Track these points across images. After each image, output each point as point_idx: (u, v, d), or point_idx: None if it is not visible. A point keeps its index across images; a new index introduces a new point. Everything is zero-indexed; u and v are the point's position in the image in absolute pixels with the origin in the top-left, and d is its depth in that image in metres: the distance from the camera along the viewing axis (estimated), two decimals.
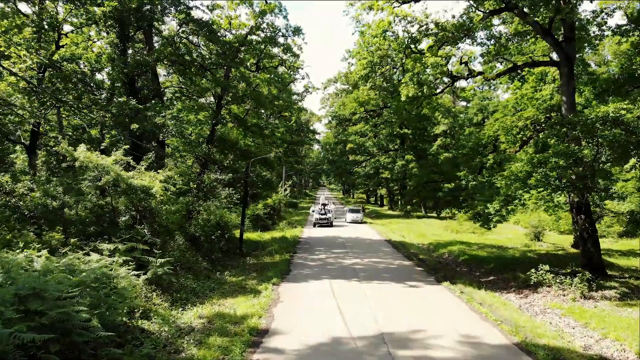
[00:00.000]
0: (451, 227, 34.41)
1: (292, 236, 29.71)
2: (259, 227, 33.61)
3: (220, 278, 16.87)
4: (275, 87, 51.92)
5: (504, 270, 19.50)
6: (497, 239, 30.67)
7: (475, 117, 66.57)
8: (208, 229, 20.83)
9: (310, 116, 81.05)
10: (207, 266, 18.22)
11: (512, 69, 19.13)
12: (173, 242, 16.67)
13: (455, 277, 18.23)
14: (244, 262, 20.41)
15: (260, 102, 25.75)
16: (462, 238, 30.33)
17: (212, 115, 26.12)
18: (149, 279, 13.22)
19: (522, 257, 23.14)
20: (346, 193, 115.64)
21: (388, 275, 17.49)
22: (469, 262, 21.75)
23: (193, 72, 21.97)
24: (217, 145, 26.40)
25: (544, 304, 14.85)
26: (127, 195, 15.14)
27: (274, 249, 23.92)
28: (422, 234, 31.92)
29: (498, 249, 26.09)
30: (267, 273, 17.49)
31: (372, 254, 22.86)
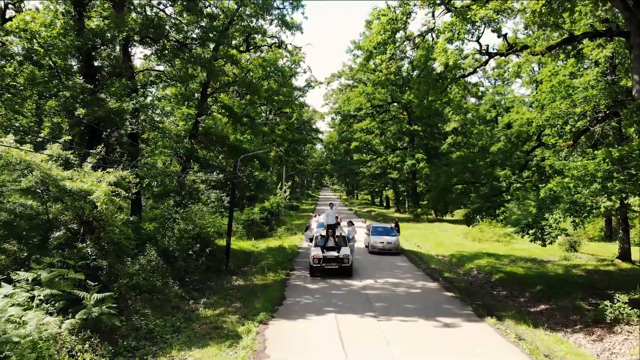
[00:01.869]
0: (472, 235, 30.29)
1: (290, 246, 25.67)
2: (254, 234, 29.58)
3: (193, 310, 12.89)
4: (274, 80, 48.06)
5: (555, 295, 15.45)
6: (527, 249, 26.53)
7: (488, 113, 62.49)
8: (186, 241, 16.85)
9: (313, 113, 77.06)
10: (180, 291, 14.22)
11: (568, 40, 15.11)
12: (130, 263, 12.64)
13: (498, 307, 14.18)
14: (229, 283, 16.39)
15: (253, 89, 21.70)
16: (487, 248, 26.21)
17: (196, 106, 22.12)
18: (79, 323, 9.26)
19: (568, 275, 19.08)
20: (350, 194, 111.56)
21: (412, 307, 13.44)
22: (506, 283, 17.67)
23: (169, 50, 17.97)
24: (202, 140, 22.41)
25: (630, 352, 10.83)
26: (62, 202, 11.19)
27: (268, 263, 19.88)
28: (440, 243, 27.83)
29: (534, 264, 22.00)
30: (254, 302, 13.46)
31: (386, 272, 18.82)
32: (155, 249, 16.33)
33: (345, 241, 18.53)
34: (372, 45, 14.55)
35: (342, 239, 18.63)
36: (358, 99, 52.73)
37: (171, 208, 18.22)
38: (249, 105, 24.86)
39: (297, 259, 21.93)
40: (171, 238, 16.77)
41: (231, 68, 24.21)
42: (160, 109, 19.30)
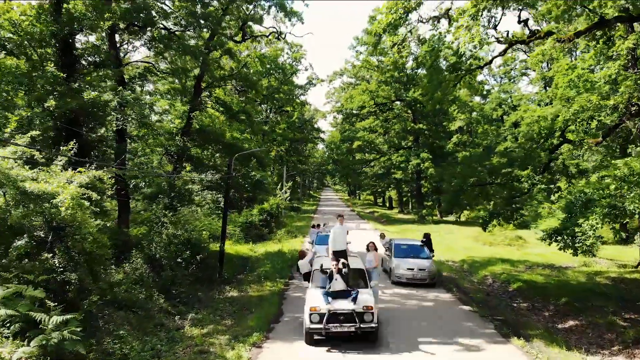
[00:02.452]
0: (482, 238, 28.71)
1: (290, 250, 24.11)
2: (253, 237, 28.05)
3: (179, 327, 11.37)
4: (275, 77, 46.58)
5: (583, 308, 13.90)
6: (541, 254, 24.96)
7: (494, 112, 61.03)
8: (175, 247, 15.34)
9: (315, 112, 75.49)
10: (165, 305, 12.72)
11: (598, 25, 13.56)
12: (104, 275, 11.10)
13: (522, 324, 12.63)
14: (221, 294, 14.87)
15: (250, 83, 20.17)
16: (500, 253, 24.65)
17: (188, 101, 20.61)
18: (34, 352, 7.76)
19: (593, 284, 17.53)
20: (352, 194, 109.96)
21: (427, 325, 11.91)
22: (526, 293, 16.11)
23: (157, 39, 16.46)
24: (196, 137, 20.89)
25: None
26: (25, 207, 9.68)
27: (266, 271, 18.36)
28: (449, 247, 26.26)
29: (552, 270, 20.44)
30: (247, 319, 11.93)
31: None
32: (142, 256, 14.89)
33: (364, 278, 11.42)
34: (381, 27, 12.95)
35: (357, 274, 11.37)
36: (361, 96, 51.15)
37: (160, 211, 16.74)
38: (246, 101, 23.30)
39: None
40: (159, 244, 15.30)
41: (227, 62, 22.71)
42: (149, 103, 17.74)
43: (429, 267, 16.70)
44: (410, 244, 18.75)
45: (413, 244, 18.71)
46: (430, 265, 16.82)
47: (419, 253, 17.65)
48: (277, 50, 44.85)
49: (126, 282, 12.91)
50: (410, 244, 18.75)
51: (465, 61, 15.65)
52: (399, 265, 16.73)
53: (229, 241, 24.87)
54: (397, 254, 17.49)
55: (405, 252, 17.65)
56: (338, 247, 11.33)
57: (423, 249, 17.94)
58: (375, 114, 54.21)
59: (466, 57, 15.90)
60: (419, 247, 18.08)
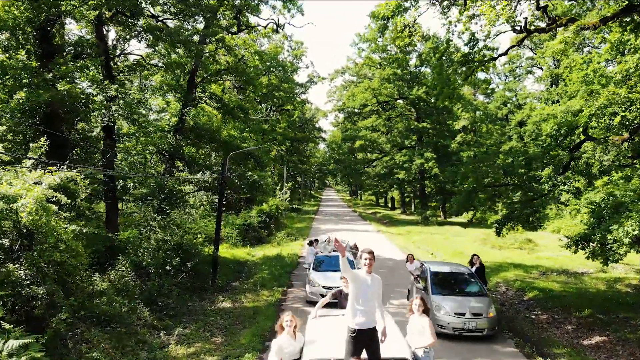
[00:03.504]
0: (491, 241, 27.44)
1: (289, 254, 22.93)
2: (251, 239, 26.87)
3: (163, 345, 10.19)
4: (275, 75, 45.37)
5: (609, 321, 12.68)
6: (553, 258, 23.80)
7: (499, 111, 59.97)
8: (164, 253, 14.16)
9: (316, 111, 74.33)
10: (150, 319, 11.54)
11: (627, 10, 12.35)
12: (78, 287, 9.90)
13: (545, 341, 11.41)
14: (214, 305, 13.67)
15: (247, 78, 18.98)
16: (511, 257, 23.45)
17: (181, 97, 19.43)
18: None
19: (614, 292, 16.32)
20: (353, 195, 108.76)
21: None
22: (544, 303, 14.88)
23: (145, 29, 15.27)
24: (190, 135, 19.71)
25: None
26: None
27: (263, 277, 17.17)
28: (456, 251, 25.02)
29: (568, 277, 19.23)
30: (240, 336, 10.73)
31: (401, 288, 16.06)
32: (128, 263, 13.72)
33: None
34: (389, 9, 11.73)
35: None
36: (363, 95, 49.96)
37: (149, 214, 15.57)
38: (244, 98, 22.11)
39: (296, 271, 19.18)
40: (146, 250, 14.12)
41: (224, 56, 21.51)
42: (138, 98, 16.55)
43: (487, 310, 11.21)
44: (455, 271, 13.11)
45: (458, 271, 13.08)
46: (488, 308, 11.28)
47: (469, 287, 12.30)
48: (277, 47, 43.72)
49: (109, 293, 11.77)
50: (454, 271, 13.11)
51: (478, 52, 14.44)
52: (441, 306, 11.29)
53: (225, 244, 23.72)
54: (437, 288, 12.04)
55: (448, 285, 12.48)
56: (365, 325, 5.71)
57: (474, 280, 12.47)
58: (377, 113, 53.02)
59: (479, 48, 14.72)
60: (467, 277, 12.65)
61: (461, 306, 11.28)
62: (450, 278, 12.89)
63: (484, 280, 13.03)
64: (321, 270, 14.35)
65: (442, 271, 13.01)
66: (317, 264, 14.77)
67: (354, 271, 5.91)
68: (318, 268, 14.50)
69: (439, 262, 16.01)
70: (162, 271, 13.54)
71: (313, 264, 14.87)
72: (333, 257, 14.63)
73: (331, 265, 14.30)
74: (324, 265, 14.69)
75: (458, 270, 13.20)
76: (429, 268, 12.90)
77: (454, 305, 11.32)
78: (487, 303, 11.51)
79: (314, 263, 14.91)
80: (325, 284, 13.22)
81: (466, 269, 13.26)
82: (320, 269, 14.45)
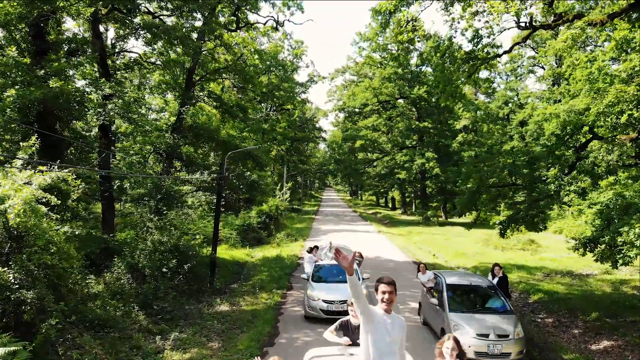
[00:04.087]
0: (493, 242, 27.16)
1: (289, 255, 22.61)
2: (250, 240, 26.55)
3: (158, 351, 9.87)
4: (275, 75, 45.04)
5: (616, 325, 12.37)
6: (557, 259, 23.49)
7: (500, 110, 59.72)
8: (161, 255, 13.83)
9: (316, 111, 74.04)
10: (145, 323, 11.22)
11: (636, 5, 12.03)
12: (69, 291, 9.58)
13: (552, 346, 11.08)
14: (211, 308, 13.34)
15: (246, 76, 18.66)
16: (514, 258, 23.14)
17: (179, 95, 19.11)
18: None
19: (620, 295, 16.02)
20: (354, 194, 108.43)
21: None
22: (549, 306, 14.56)
23: (142, 26, 14.95)
24: (187, 135, 19.38)
25: None
26: None
27: (262, 279, 16.85)
28: (459, 252, 24.72)
29: (573, 278, 18.92)
30: (237, 341, 10.40)
31: (403, 290, 15.72)
32: (124, 265, 13.42)
33: None
34: (392, 4, 11.37)
35: None
36: (364, 94, 49.63)
37: (145, 214, 15.25)
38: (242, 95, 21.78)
39: (296, 272, 18.83)
40: (143, 251, 13.79)
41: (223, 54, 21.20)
42: (135, 97, 16.24)
43: (513, 329, 9.58)
44: (474, 283, 11.24)
45: (478, 283, 11.26)
46: (515, 327, 9.67)
47: (491, 302, 10.71)
48: (277, 46, 43.40)
49: (103, 296, 11.47)
50: (473, 283, 11.23)
51: (482, 49, 14.12)
52: (460, 325, 9.64)
53: (224, 245, 23.40)
54: (455, 303, 10.43)
55: (467, 299, 10.95)
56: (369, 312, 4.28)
57: (496, 294, 10.85)
58: (378, 112, 52.70)
59: (483, 45, 14.39)
60: (489, 291, 10.99)
61: (484, 326, 9.57)
62: (470, 291, 11.17)
63: (507, 293, 11.40)
64: (322, 281, 12.76)
65: (459, 283, 11.23)
66: (317, 274, 13.10)
67: (370, 308, 4.05)
68: (318, 279, 12.88)
69: (455, 272, 13.95)
70: (158, 273, 13.22)
71: (312, 274, 13.22)
72: (335, 266, 12.97)
73: (333, 275, 12.86)
74: (325, 275, 13.09)
75: (478, 283, 11.34)
76: (444, 280, 11.11)
77: (475, 325, 9.60)
78: (514, 321, 9.87)
79: (313, 273, 13.23)
80: (327, 297, 11.76)
81: (486, 281, 11.54)
82: (320, 279, 12.87)
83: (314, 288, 12.28)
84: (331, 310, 11.60)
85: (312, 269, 13.48)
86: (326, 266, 13.41)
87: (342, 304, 11.45)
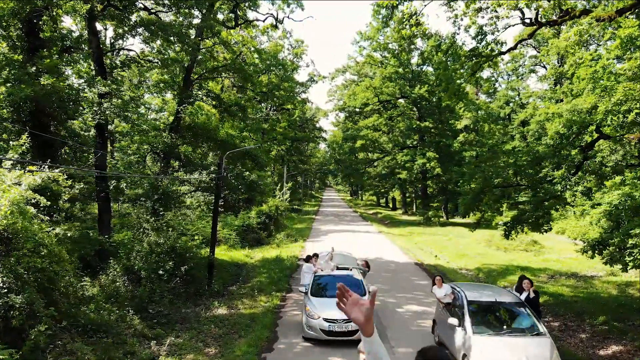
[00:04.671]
0: (495, 243, 26.79)
1: (289, 256, 22.29)
2: (250, 241, 26.23)
3: (153, 357, 9.56)
4: (275, 74, 44.72)
5: (624, 329, 12.04)
6: (560, 260, 23.16)
7: (501, 110, 59.47)
8: (157, 257, 13.52)
9: (316, 111, 73.71)
10: (141, 327, 10.90)
11: None
12: (59, 294, 9.25)
13: (560, 350, 10.75)
14: (209, 311, 13.03)
15: (245, 75, 18.34)
16: (516, 259, 22.80)
17: (177, 94, 18.80)
18: None
19: (627, 297, 15.72)
20: (354, 195, 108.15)
21: None
22: (555, 309, 14.24)
23: (138, 23, 14.65)
24: (185, 134, 19.08)
25: None
26: None
27: (260, 282, 16.54)
28: (460, 253, 24.40)
29: (577, 280, 18.59)
30: (235, 347, 10.09)
31: (405, 293, 15.43)
32: (120, 267, 13.12)
33: None
34: None
35: None
36: (364, 93, 49.30)
37: (142, 215, 14.95)
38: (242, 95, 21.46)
39: (296, 274, 18.53)
40: (139, 253, 13.49)
41: (222, 52, 20.89)
42: (132, 95, 15.93)
43: (549, 356, 8.20)
44: (500, 299, 9.64)
45: (505, 300, 9.67)
46: (551, 354, 8.27)
47: (520, 322, 9.20)
48: (277, 46, 43.11)
49: (98, 299, 11.16)
50: (499, 300, 9.63)
51: (486, 46, 13.81)
52: (484, 350, 8.23)
53: (223, 246, 23.09)
54: (477, 323, 8.96)
55: (492, 319, 9.47)
56: None
57: (527, 312, 9.31)
58: (379, 112, 52.34)
59: (487, 42, 14.09)
60: (517, 309, 9.46)
61: (514, 351, 8.03)
62: (495, 309, 9.58)
63: (538, 312, 9.87)
64: (323, 295, 11.01)
65: (483, 300, 9.59)
66: (317, 287, 11.32)
67: None
68: (318, 292, 11.14)
69: (475, 286, 12.02)
70: (154, 276, 12.90)
71: (311, 286, 11.36)
72: (339, 278, 11.31)
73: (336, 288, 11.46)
74: (326, 288, 11.30)
75: (504, 299, 9.62)
76: (464, 295, 9.55)
77: (504, 351, 8.09)
78: (549, 347, 8.27)
79: (312, 285, 11.38)
80: (329, 315, 10.05)
81: (514, 297, 9.88)
82: (321, 293, 11.12)
83: (313, 304, 10.58)
84: (334, 330, 9.99)
85: (312, 280, 11.68)
86: (328, 278, 11.67)
87: (347, 324, 9.80)
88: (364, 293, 10.66)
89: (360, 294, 5.46)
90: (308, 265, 13.09)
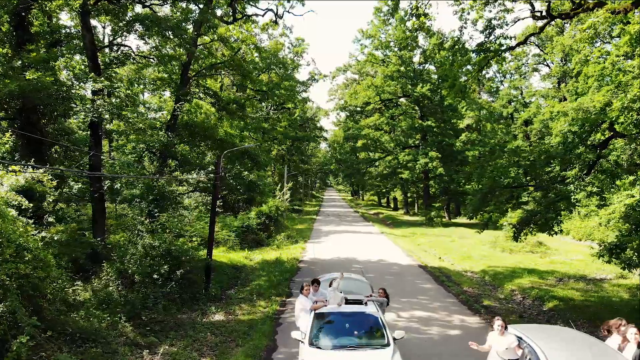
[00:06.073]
0: (500, 244, 26.20)
1: (290, 258, 21.75)
2: (249, 242, 25.68)
3: None
4: (275, 73, 44.18)
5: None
6: (567, 262, 22.58)
7: (504, 109, 58.93)
8: (152, 260, 12.98)
9: (317, 110, 73.16)
10: (133, 335, 10.36)
11: None
12: (45, 301, 8.72)
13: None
14: (206, 317, 12.48)
15: (243, 72, 17.79)
16: (523, 262, 22.21)
17: (174, 91, 18.27)
18: None
19: (638, 301, 15.08)
20: (355, 194, 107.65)
21: None
22: (567, 315, 13.65)
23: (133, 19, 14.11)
24: (183, 133, 18.54)
25: None
26: None
27: (260, 285, 15.99)
28: (465, 255, 23.82)
29: (587, 283, 18.00)
30: (231, 356, 9.53)
31: (409, 297, 14.87)
32: (113, 271, 12.60)
33: None
34: None
35: None
36: (366, 92, 48.74)
37: (136, 217, 14.42)
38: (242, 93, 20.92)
39: (296, 277, 17.99)
40: (133, 256, 12.95)
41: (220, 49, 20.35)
42: (126, 92, 15.39)
43: None
44: (597, 357, 6.22)
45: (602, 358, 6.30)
46: None
47: None
48: (277, 44, 42.59)
49: (89, 305, 10.63)
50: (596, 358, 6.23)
51: (494, 40, 13.26)
52: None
53: (222, 248, 22.55)
54: None
55: None
56: None
57: None
58: (380, 111, 51.80)
59: (495, 36, 13.55)
60: None
61: None
62: None
63: None
64: (327, 342, 7.50)
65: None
66: (319, 330, 7.76)
67: None
68: (320, 337, 7.62)
69: (549, 330, 8.18)
70: (148, 280, 12.37)
71: (310, 330, 7.75)
72: (350, 316, 7.95)
73: (346, 331, 7.64)
74: (332, 330, 7.80)
75: (602, 357, 6.22)
76: (542, 352, 6.21)
77: None
78: None
79: (311, 329, 7.76)
80: None
81: (611, 351, 6.48)
82: (324, 340, 7.56)
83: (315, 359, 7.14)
84: None
85: (311, 322, 7.93)
86: (334, 314, 8.05)
87: None
88: (384, 337, 7.25)
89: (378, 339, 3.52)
90: (304, 299, 8.75)
